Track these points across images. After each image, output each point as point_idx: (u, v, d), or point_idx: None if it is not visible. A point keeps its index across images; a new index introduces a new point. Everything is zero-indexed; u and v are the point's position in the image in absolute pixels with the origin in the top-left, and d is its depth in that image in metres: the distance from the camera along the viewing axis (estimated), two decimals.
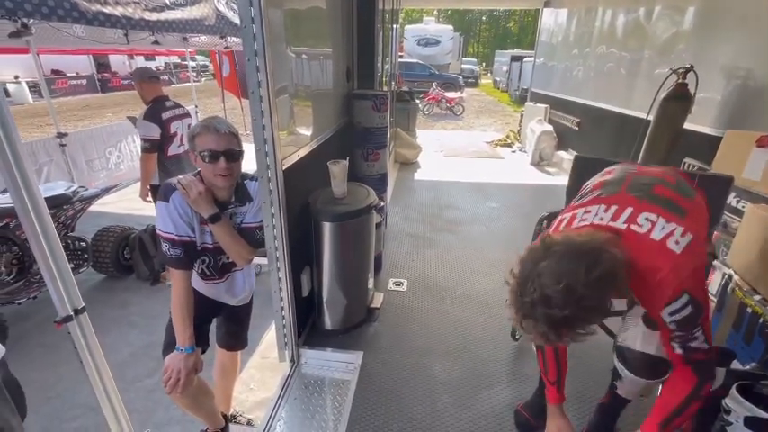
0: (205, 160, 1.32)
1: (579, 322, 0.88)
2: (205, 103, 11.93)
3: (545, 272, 0.87)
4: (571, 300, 0.84)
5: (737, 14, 2.72)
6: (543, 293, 0.86)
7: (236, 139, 1.38)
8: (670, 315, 0.96)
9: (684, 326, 0.97)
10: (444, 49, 19.46)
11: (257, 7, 1.40)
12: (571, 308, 0.85)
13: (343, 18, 2.86)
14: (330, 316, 2.17)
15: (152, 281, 3.19)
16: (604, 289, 0.87)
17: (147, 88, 2.90)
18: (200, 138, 1.31)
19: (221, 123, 1.35)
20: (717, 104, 2.81)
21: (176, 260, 1.35)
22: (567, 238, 0.92)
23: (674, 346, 1.02)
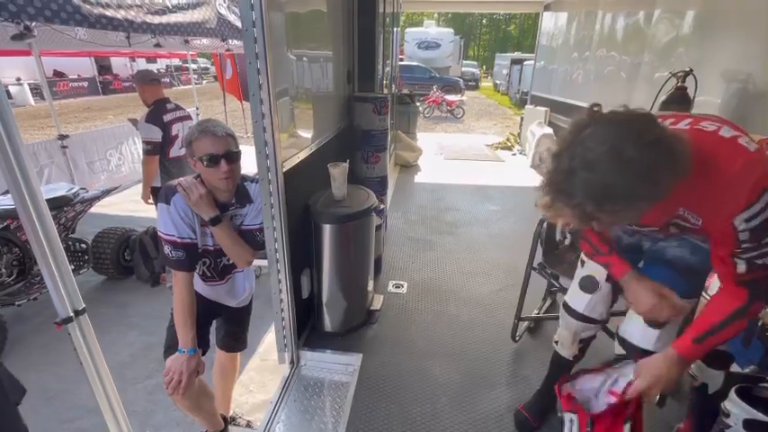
0: (205, 164, 1.32)
1: (621, 197, 0.75)
2: (206, 106, 11.96)
3: (589, 137, 0.76)
4: (617, 163, 0.72)
5: (737, 18, 2.73)
6: (585, 158, 0.75)
7: (234, 140, 1.39)
8: (746, 222, 0.84)
9: (759, 233, 0.84)
10: (445, 53, 19.51)
11: (258, 11, 1.41)
12: (616, 174, 0.73)
13: (344, 21, 2.88)
14: (330, 318, 2.18)
15: (152, 282, 3.20)
16: (658, 159, 0.74)
17: (148, 90, 2.91)
18: (198, 142, 1.32)
19: (217, 126, 1.35)
20: (716, 108, 2.81)
21: (178, 262, 1.35)
22: (616, 111, 0.80)
23: (738, 263, 0.90)
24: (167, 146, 2.93)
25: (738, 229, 0.86)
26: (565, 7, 6.53)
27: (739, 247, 0.88)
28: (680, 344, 1.00)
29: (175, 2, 2.24)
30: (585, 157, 0.75)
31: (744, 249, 0.88)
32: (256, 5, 1.41)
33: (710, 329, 0.96)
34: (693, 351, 0.99)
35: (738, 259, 0.90)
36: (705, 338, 0.97)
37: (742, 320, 0.95)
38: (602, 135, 0.75)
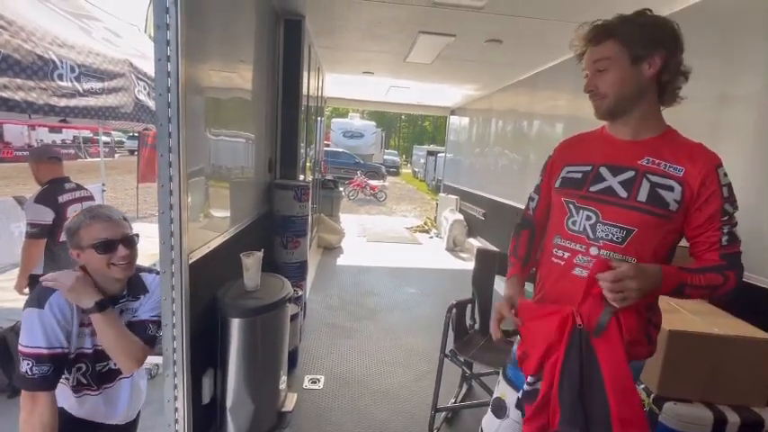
0: (99, 251, 1.19)
1: (624, 27, 1.01)
2: (116, 180, 11.16)
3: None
4: (633, 14, 1.02)
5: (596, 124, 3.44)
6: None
7: (129, 224, 1.30)
8: (725, 177, 1.00)
9: (732, 193, 1.00)
10: (368, 142, 21.10)
11: (175, 108, 1.45)
12: (630, 16, 1.02)
13: (268, 111, 3.04)
14: (234, 425, 1.94)
15: (11, 392, 2.60)
16: (660, 25, 1.02)
17: (44, 169, 2.67)
18: (88, 229, 1.19)
19: (111, 210, 1.26)
20: None
21: (43, 380, 1.11)
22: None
23: (723, 235, 1.00)
24: (58, 229, 2.63)
25: (721, 182, 0.99)
26: (467, 113, 7.65)
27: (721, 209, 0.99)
28: (667, 267, 0.99)
29: (88, 86, 2.20)
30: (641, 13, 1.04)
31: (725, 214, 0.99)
32: (173, 103, 1.45)
33: (694, 269, 1.00)
34: (672, 274, 0.97)
35: (723, 229, 1.00)
36: (686, 271, 0.98)
37: (718, 275, 0.98)
38: (641, 9, 1.05)
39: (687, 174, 1.00)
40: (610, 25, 1.02)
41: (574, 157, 1.20)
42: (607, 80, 1.04)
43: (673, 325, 1.60)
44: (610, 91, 1.04)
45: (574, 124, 3.74)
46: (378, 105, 9.04)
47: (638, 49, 1.00)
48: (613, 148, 1.11)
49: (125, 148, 22.84)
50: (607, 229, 1.05)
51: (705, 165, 1.00)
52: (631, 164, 1.06)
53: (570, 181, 1.15)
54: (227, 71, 2.13)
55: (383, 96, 7.61)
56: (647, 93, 1.04)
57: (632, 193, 1.03)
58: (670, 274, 0.97)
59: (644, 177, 1.03)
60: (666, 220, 1.02)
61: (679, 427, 1.51)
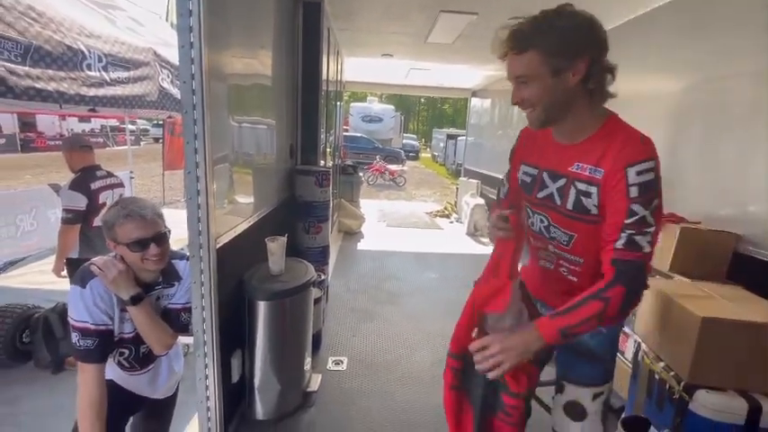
0: (132, 249, 1.25)
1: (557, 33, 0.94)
2: (143, 168, 11.48)
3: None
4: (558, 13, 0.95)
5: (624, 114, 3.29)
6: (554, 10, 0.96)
7: (162, 219, 1.34)
8: (637, 175, 0.94)
9: (647, 192, 0.93)
10: (387, 126, 20.92)
11: (200, 95, 1.47)
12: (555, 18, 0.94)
13: (288, 97, 3.04)
14: (262, 404, 2.01)
15: (54, 368, 2.76)
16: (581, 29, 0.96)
17: (77, 157, 2.77)
18: (122, 227, 1.24)
19: (144, 207, 1.30)
20: None
21: (88, 353, 1.21)
22: None
23: (621, 236, 0.95)
24: (92, 215, 2.74)
25: (629, 181, 0.95)
26: (488, 95, 7.45)
27: (628, 209, 0.94)
28: (539, 319, 0.99)
29: (115, 76, 2.25)
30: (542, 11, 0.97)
31: (631, 213, 0.94)
32: (197, 90, 1.47)
33: (568, 307, 0.95)
34: (548, 325, 0.95)
35: (623, 233, 0.95)
36: (561, 315, 0.95)
37: (597, 303, 0.93)
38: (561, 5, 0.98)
39: (605, 175, 1.00)
40: (529, 34, 0.96)
41: (528, 154, 1.22)
42: (532, 92, 1.01)
43: (706, 311, 1.55)
44: (536, 102, 1.02)
45: None
46: (397, 88, 8.92)
47: (560, 62, 0.96)
48: (554, 153, 1.12)
49: (150, 135, 23.39)
50: (556, 232, 1.14)
51: (616, 164, 0.97)
52: (564, 170, 1.08)
53: (524, 184, 1.21)
54: (248, 57, 2.13)
55: (403, 79, 7.49)
56: (575, 98, 1.01)
57: (564, 201, 1.08)
58: (545, 326, 0.96)
59: (572, 185, 1.06)
60: (596, 224, 1.04)
61: (711, 415, 1.48)
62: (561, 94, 0.99)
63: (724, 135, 2.25)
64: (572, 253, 1.13)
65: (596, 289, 0.96)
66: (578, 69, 0.96)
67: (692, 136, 2.49)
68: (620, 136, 1.01)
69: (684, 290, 1.84)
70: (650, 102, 2.87)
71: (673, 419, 1.59)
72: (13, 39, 1.65)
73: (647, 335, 1.90)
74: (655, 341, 1.83)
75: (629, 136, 1.01)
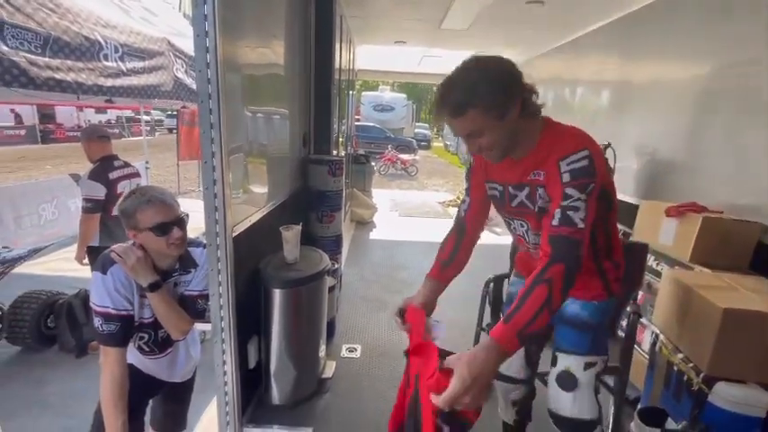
0: (156, 234, 1.28)
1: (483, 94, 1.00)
2: (158, 158, 11.64)
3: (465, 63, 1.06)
4: (483, 73, 1.02)
5: (643, 101, 3.20)
6: (461, 71, 1.04)
7: (178, 205, 1.37)
8: (568, 165, 1.05)
9: (578, 177, 1.03)
10: (398, 115, 20.76)
11: (215, 84, 1.47)
12: (481, 79, 1.01)
13: (301, 86, 3.03)
14: (278, 389, 2.05)
15: (78, 352, 2.87)
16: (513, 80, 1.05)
17: (95, 147, 2.82)
18: (145, 213, 1.27)
19: (163, 193, 1.33)
20: (633, 177, 3.19)
21: (111, 336, 1.25)
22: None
23: (555, 214, 1.02)
24: (111, 204, 2.80)
25: (561, 171, 1.06)
26: None
27: (563, 192, 1.04)
28: (494, 329, 0.94)
29: (131, 66, 2.27)
30: (464, 69, 1.05)
31: (564, 195, 1.03)
32: (212, 79, 1.47)
33: (517, 305, 0.93)
34: (505, 333, 0.91)
35: (558, 209, 1.04)
36: (512, 316, 0.92)
37: (541, 288, 0.92)
38: (476, 58, 1.06)
39: (545, 175, 1.12)
40: (463, 100, 1.03)
41: (490, 173, 1.31)
42: (486, 141, 1.09)
43: (728, 303, 1.52)
44: (494, 146, 1.11)
45: (623, 90, 3.49)
46: (409, 76, 8.81)
47: (499, 109, 1.04)
48: (510, 169, 1.22)
49: (164, 126, 23.68)
50: (536, 239, 1.25)
51: (550, 161, 1.09)
52: (525, 180, 1.19)
53: (495, 198, 1.33)
54: (261, 47, 2.12)
55: (416, 67, 7.40)
56: (519, 127, 1.11)
57: (534, 204, 1.20)
58: (501, 334, 0.91)
59: (536, 190, 1.17)
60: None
61: (731, 407, 1.46)
62: (510, 131, 1.09)
63: (748, 122, 2.17)
64: None
65: (536, 273, 0.98)
66: (516, 107, 1.06)
67: (715, 123, 2.41)
68: (554, 138, 1.12)
69: (705, 280, 1.80)
70: (670, 88, 2.78)
71: (691, 411, 1.57)
72: (33, 30, 1.68)
73: (665, 326, 1.87)
74: (673, 332, 1.80)
75: (560, 135, 1.13)
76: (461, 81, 1.03)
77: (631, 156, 3.23)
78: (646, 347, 2.18)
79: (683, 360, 1.67)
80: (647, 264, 2.24)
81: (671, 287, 1.85)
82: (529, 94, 1.09)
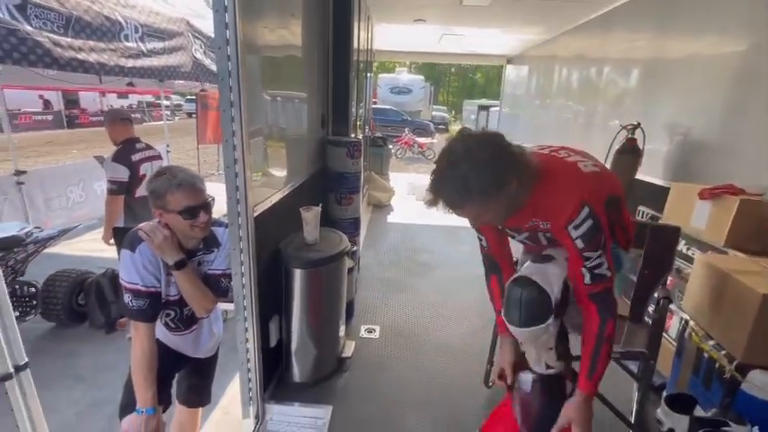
0: (184, 217, 1.29)
1: (476, 190, 0.97)
2: (177, 143, 11.82)
3: (455, 146, 1.03)
4: (473, 162, 0.97)
5: (675, 79, 3.04)
6: (450, 160, 1.00)
7: (205, 190, 1.37)
8: (575, 230, 1.07)
9: (590, 241, 1.06)
10: (416, 98, 20.42)
11: (234, 61, 1.45)
12: (471, 171, 0.97)
13: (319, 67, 2.99)
14: (299, 367, 2.09)
15: (107, 329, 2.98)
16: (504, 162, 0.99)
17: (118, 130, 2.86)
18: (174, 196, 1.27)
19: (193, 177, 1.33)
20: (663, 158, 3.06)
21: (140, 312, 1.28)
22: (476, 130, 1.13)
23: (584, 275, 1.10)
24: (134, 186, 2.85)
25: (572, 237, 1.08)
26: (526, 61, 7.07)
27: (581, 255, 1.08)
28: (581, 384, 1.14)
29: (151, 46, 2.27)
30: (450, 159, 1.00)
31: (586, 258, 1.08)
32: (232, 56, 1.45)
33: (591, 363, 1.12)
34: (591, 385, 1.13)
35: (584, 269, 1.09)
36: (593, 372, 1.12)
37: (606, 346, 1.10)
38: (463, 144, 1.01)
39: (552, 228, 1.15)
40: (459, 200, 1.01)
41: None
42: (490, 217, 1.10)
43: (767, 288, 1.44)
44: (497, 221, 1.18)
45: (655, 67, 3.32)
46: (428, 56, 8.62)
47: (498, 194, 1.00)
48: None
49: (183, 110, 23.96)
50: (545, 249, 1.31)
51: (557, 226, 1.11)
52: (522, 226, 1.23)
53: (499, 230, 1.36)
54: (280, 27, 2.08)
55: (434, 46, 7.21)
56: (518, 194, 1.07)
57: (539, 243, 1.28)
58: (587, 388, 1.13)
59: (537, 233, 1.24)
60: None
61: (766, 396, 1.40)
62: (512, 202, 1.07)
63: None
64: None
65: (595, 334, 1.11)
66: (512, 185, 1.01)
67: (756, 101, 2.26)
68: (549, 191, 1.10)
69: (741, 265, 1.72)
70: (709, 64, 2.62)
71: (721, 399, 1.52)
72: (55, 9, 1.68)
73: (696, 312, 1.81)
74: (705, 319, 1.73)
75: (559, 191, 1.10)
76: (452, 178, 0.99)
77: (662, 136, 3.08)
78: (673, 334, 2.12)
79: (715, 347, 1.62)
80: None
81: (704, 272, 1.78)
82: (523, 166, 1.03)
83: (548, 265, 1.19)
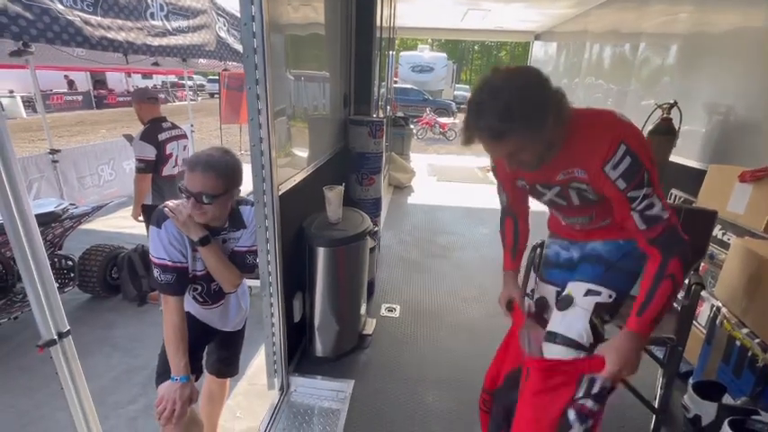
0: (186, 196, 1.31)
1: (518, 118, 0.94)
2: (200, 122, 12.01)
3: (493, 79, 0.99)
4: (516, 91, 0.94)
5: (717, 55, 2.86)
6: (491, 90, 0.96)
7: (219, 181, 1.30)
8: (613, 169, 1.01)
9: (632, 178, 1.00)
10: (438, 76, 19.93)
11: (260, 38, 1.44)
12: (514, 98, 0.93)
13: (342, 45, 2.94)
14: (321, 343, 2.14)
15: (139, 302, 3.12)
16: (546, 94, 0.98)
17: (145, 109, 2.92)
18: (187, 175, 1.30)
19: (209, 165, 1.29)
20: (700, 139, 2.91)
21: (168, 286, 1.33)
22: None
23: (636, 220, 1.03)
24: (161, 164, 2.92)
25: (612, 178, 1.02)
26: (555, 38, 6.78)
27: (626, 197, 1.02)
28: (629, 322, 1.05)
29: (176, 25, 2.28)
30: (490, 89, 0.96)
31: (632, 200, 1.02)
32: (258, 33, 1.44)
33: (645, 299, 1.02)
34: (641, 324, 1.03)
35: (634, 213, 1.03)
36: (644, 309, 1.02)
37: (666, 282, 1.00)
38: (502, 75, 0.98)
39: (589, 175, 1.08)
40: (502, 127, 0.95)
41: (513, 171, 1.25)
42: (526, 157, 1.05)
43: None
44: (533, 160, 1.07)
45: (694, 43, 3.12)
46: (451, 33, 8.36)
47: (538, 127, 0.97)
48: (537, 172, 1.16)
49: (206, 91, 24.21)
50: (574, 219, 1.28)
51: (593, 167, 1.04)
52: (553, 181, 1.16)
53: (523, 188, 1.29)
54: (303, 4, 2.05)
55: (459, 23, 6.98)
56: (554, 133, 1.03)
57: (568, 201, 1.20)
58: (637, 326, 1.03)
59: (568, 188, 1.16)
60: (603, 201, 1.12)
61: None
62: (547, 142, 1.03)
63: None
64: (597, 221, 1.24)
65: (655, 270, 1.02)
66: (551, 118, 0.98)
67: None
68: (587, 134, 1.05)
69: None
70: (753, 39, 2.44)
71: (753, 387, 1.48)
72: None
73: (729, 299, 1.75)
74: (739, 306, 1.67)
75: (593, 131, 1.05)
76: (493, 105, 0.95)
77: (700, 116, 2.93)
78: (702, 320, 2.06)
79: (749, 335, 1.56)
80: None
81: (740, 257, 1.70)
82: (561, 100, 1.01)
83: (568, 311, 1.19)
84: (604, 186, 1.05)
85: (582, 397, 1.09)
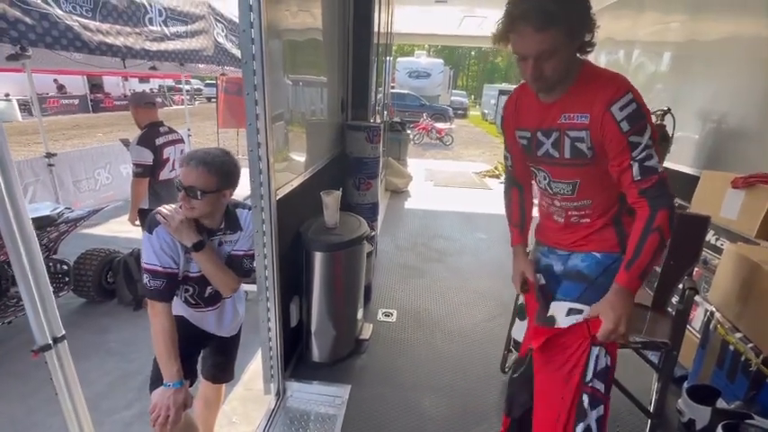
0: (179, 190, 1.32)
1: (569, 9, 0.97)
2: (198, 127, 12.00)
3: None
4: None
5: (711, 62, 2.90)
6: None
7: (212, 178, 1.31)
8: (620, 110, 1.02)
9: (636, 122, 1.02)
10: (435, 82, 20.07)
11: (258, 44, 1.46)
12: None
13: (340, 51, 2.96)
14: (318, 348, 2.14)
15: (134, 306, 3.11)
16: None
17: (142, 113, 2.92)
18: (182, 167, 1.33)
19: (202, 161, 1.30)
20: (693, 145, 2.94)
21: (156, 292, 1.31)
22: None
23: (634, 170, 1.04)
24: (158, 169, 2.92)
25: (617, 118, 1.03)
26: None
27: (628, 142, 1.03)
28: (618, 277, 1.07)
29: (174, 30, 2.30)
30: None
31: (633, 146, 1.03)
32: (256, 39, 1.45)
33: (634, 254, 1.04)
34: (629, 278, 1.05)
35: (633, 162, 1.04)
36: (633, 263, 1.04)
37: (654, 236, 1.02)
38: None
39: (591, 119, 1.07)
40: (554, 11, 0.96)
41: (519, 121, 1.28)
42: (552, 66, 1.03)
43: None
44: (553, 75, 1.05)
45: (688, 50, 3.17)
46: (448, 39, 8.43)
47: (579, 32, 1.01)
48: (540, 112, 1.18)
49: (203, 95, 24.19)
50: (558, 186, 1.24)
51: (599, 106, 1.04)
52: (555, 124, 1.15)
53: (523, 147, 1.29)
54: (301, 10, 2.07)
55: (455, 29, 7.05)
56: (574, 58, 1.07)
57: (561, 152, 1.17)
58: (626, 279, 1.05)
59: (565, 135, 1.14)
60: (593, 165, 1.13)
61: None
62: (571, 60, 1.05)
63: None
64: (578, 199, 1.22)
65: (643, 225, 1.04)
66: (586, 33, 1.02)
67: None
68: (596, 80, 1.07)
69: None
70: (746, 47, 2.49)
71: (746, 392, 1.50)
72: None
73: (723, 304, 1.76)
74: (732, 311, 1.69)
75: (602, 78, 1.08)
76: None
77: (693, 122, 2.96)
78: (696, 325, 2.07)
79: (742, 340, 1.58)
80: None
81: (733, 263, 1.72)
82: (594, 26, 1.04)
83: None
84: (606, 130, 1.05)
85: (591, 379, 1.12)
